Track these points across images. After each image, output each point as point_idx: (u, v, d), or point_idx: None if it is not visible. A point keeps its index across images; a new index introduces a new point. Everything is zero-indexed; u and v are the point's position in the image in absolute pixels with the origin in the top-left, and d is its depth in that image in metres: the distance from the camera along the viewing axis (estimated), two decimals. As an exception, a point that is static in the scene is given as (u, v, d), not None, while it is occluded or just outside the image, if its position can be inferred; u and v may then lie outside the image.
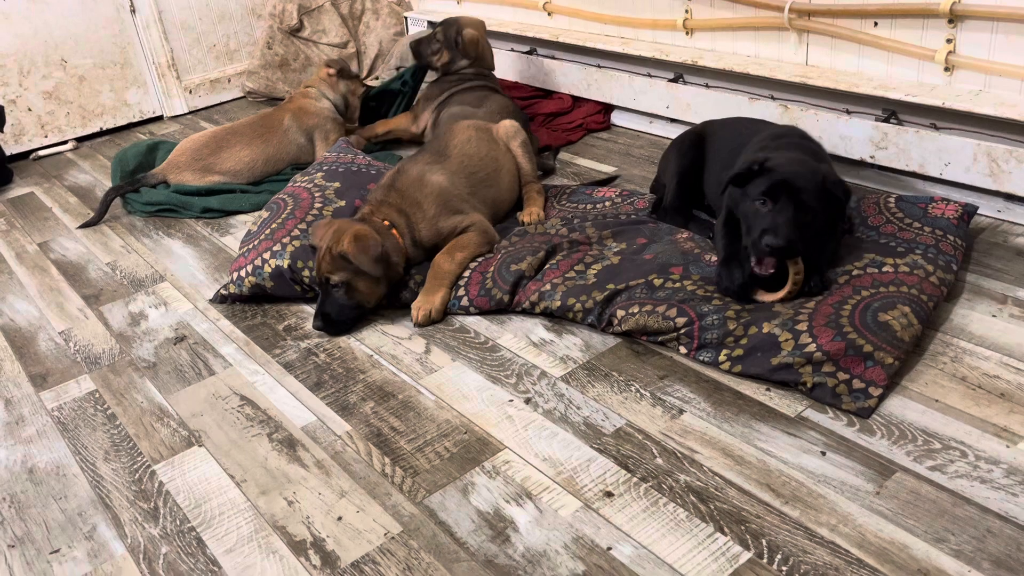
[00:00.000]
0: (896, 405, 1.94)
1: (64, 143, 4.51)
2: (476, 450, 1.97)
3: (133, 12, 4.53)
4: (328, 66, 3.79)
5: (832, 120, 2.91)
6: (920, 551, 1.58)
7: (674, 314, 2.20)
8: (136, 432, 2.19)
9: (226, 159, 3.54)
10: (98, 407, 2.32)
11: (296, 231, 2.70)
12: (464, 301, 2.50)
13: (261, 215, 2.89)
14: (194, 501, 1.93)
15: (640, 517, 1.73)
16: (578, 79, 3.87)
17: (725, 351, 2.12)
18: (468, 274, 2.56)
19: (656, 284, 2.32)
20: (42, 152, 4.43)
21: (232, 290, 2.71)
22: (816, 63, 3.03)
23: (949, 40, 2.63)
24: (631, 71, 3.65)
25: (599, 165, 3.44)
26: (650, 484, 1.81)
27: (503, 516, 1.78)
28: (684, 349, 2.19)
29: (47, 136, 4.48)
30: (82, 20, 4.43)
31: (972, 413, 1.89)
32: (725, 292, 2.24)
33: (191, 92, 4.81)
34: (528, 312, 2.46)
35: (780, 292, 2.19)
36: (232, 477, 1.99)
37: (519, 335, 2.39)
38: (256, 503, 1.90)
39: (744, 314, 2.16)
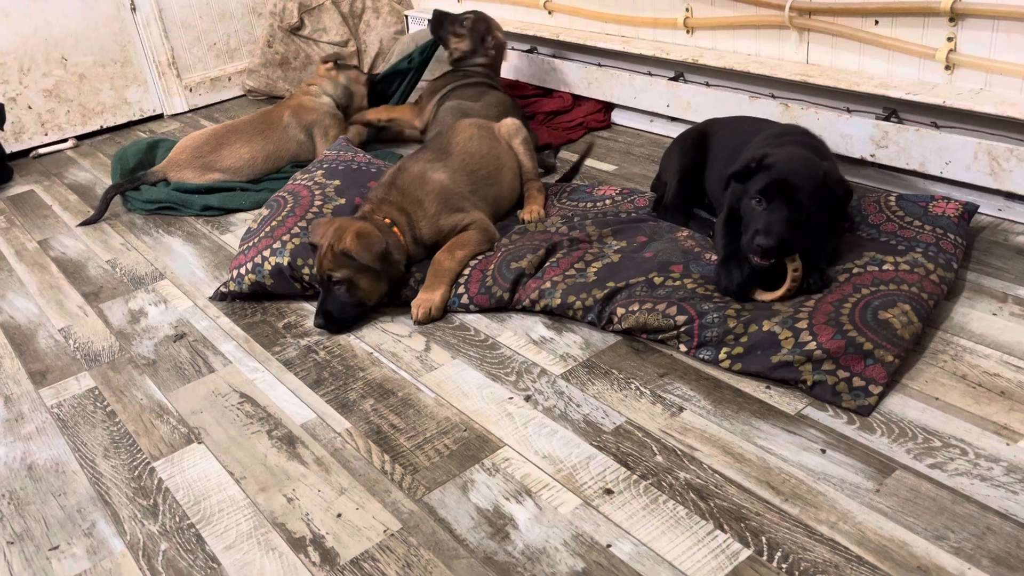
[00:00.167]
0: (896, 403, 1.94)
1: (64, 141, 4.51)
2: (476, 447, 1.97)
3: (133, 10, 4.53)
4: (324, 62, 3.80)
5: (833, 118, 2.91)
6: (920, 548, 1.58)
7: (674, 312, 2.20)
8: (136, 429, 2.19)
9: (226, 157, 3.54)
10: (98, 404, 2.32)
11: (296, 229, 2.70)
12: (464, 299, 2.50)
13: (261, 213, 2.89)
14: (193, 498, 1.93)
15: (640, 514, 1.73)
16: (578, 78, 3.87)
17: (725, 349, 2.12)
18: (468, 272, 2.56)
19: (656, 282, 2.32)
20: (42, 150, 4.43)
21: (232, 288, 2.71)
22: (817, 61, 3.03)
23: (950, 38, 2.62)
24: (632, 69, 3.65)
25: (599, 164, 3.44)
26: (650, 481, 1.81)
27: (503, 513, 1.78)
28: (684, 347, 2.19)
29: (47, 134, 4.48)
30: (82, 18, 4.42)
31: (972, 411, 1.89)
32: (724, 291, 2.23)
33: (191, 90, 4.81)
34: (528, 310, 2.46)
35: (778, 291, 2.19)
36: (231, 474, 1.99)
37: (519, 333, 2.39)
38: (255, 500, 1.90)
39: (744, 312, 2.16)
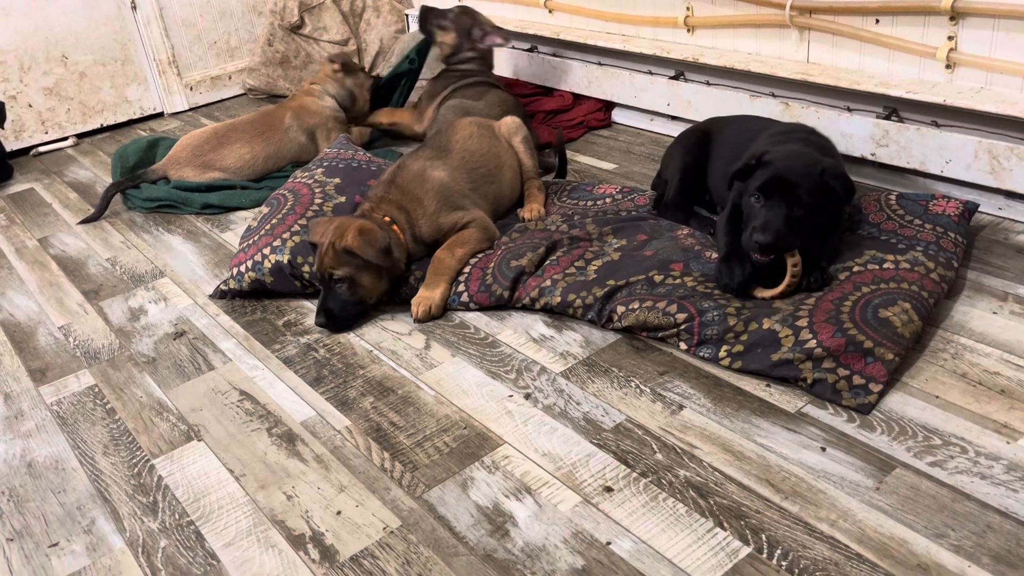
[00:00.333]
0: (896, 401, 1.94)
1: (64, 139, 4.51)
2: (475, 445, 1.97)
3: (134, 9, 4.53)
4: (332, 61, 3.78)
5: (833, 117, 2.91)
6: (920, 546, 1.57)
7: (674, 310, 2.20)
8: (135, 426, 2.19)
9: (226, 156, 3.54)
10: (97, 402, 2.32)
11: (296, 227, 2.70)
12: (464, 297, 2.50)
13: (261, 211, 2.89)
14: (193, 495, 1.93)
15: (640, 512, 1.73)
16: (579, 76, 3.87)
17: (725, 347, 2.11)
18: (468, 270, 2.56)
19: (656, 280, 2.32)
20: (42, 148, 4.43)
21: (232, 285, 2.71)
22: (817, 60, 3.03)
23: (950, 37, 2.62)
24: (632, 68, 3.65)
25: (600, 162, 3.44)
26: (650, 479, 1.81)
27: (502, 511, 1.78)
28: (684, 345, 2.19)
29: (47, 132, 4.48)
30: (83, 16, 4.42)
31: (972, 409, 1.89)
32: (725, 288, 2.23)
33: (192, 89, 4.81)
34: (528, 308, 2.46)
35: (778, 287, 2.19)
36: (231, 471, 1.99)
37: (519, 331, 2.38)
38: (255, 497, 1.90)
39: (744, 310, 2.16)
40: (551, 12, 4.00)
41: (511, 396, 2.12)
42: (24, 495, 2.00)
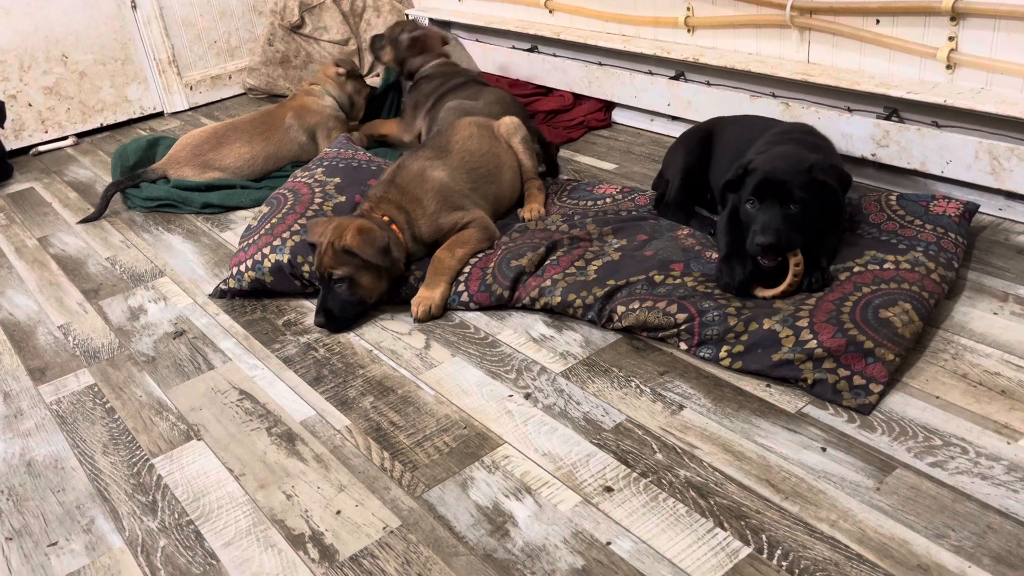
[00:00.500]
0: (897, 402, 1.94)
1: (64, 139, 4.51)
2: (475, 445, 1.97)
3: (134, 8, 4.53)
4: (338, 65, 3.78)
5: (833, 118, 2.91)
6: (920, 547, 1.57)
7: (674, 310, 2.20)
8: (135, 426, 2.19)
9: (226, 155, 3.54)
10: (97, 401, 2.31)
11: (296, 226, 2.70)
12: (464, 297, 2.50)
13: (261, 210, 2.89)
14: (193, 494, 1.93)
15: (640, 512, 1.72)
16: (579, 77, 3.86)
17: (725, 347, 2.11)
18: (468, 270, 2.56)
19: (657, 280, 2.32)
20: (42, 148, 4.43)
21: (232, 285, 2.70)
22: (818, 61, 3.03)
23: (951, 38, 2.62)
24: (632, 69, 3.64)
25: (600, 163, 3.44)
26: (650, 479, 1.80)
27: (502, 510, 1.77)
28: (684, 345, 2.18)
29: (47, 132, 4.47)
30: (83, 16, 4.42)
31: (973, 410, 1.89)
32: (725, 288, 2.23)
33: (192, 88, 4.81)
34: (528, 308, 2.45)
35: (779, 287, 2.19)
36: (231, 471, 1.99)
37: (519, 331, 2.38)
38: (255, 497, 1.90)
39: (745, 310, 2.16)
40: (551, 12, 4.00)
41: (511, 396, 2.12)
42: (23, 494, 2.00)
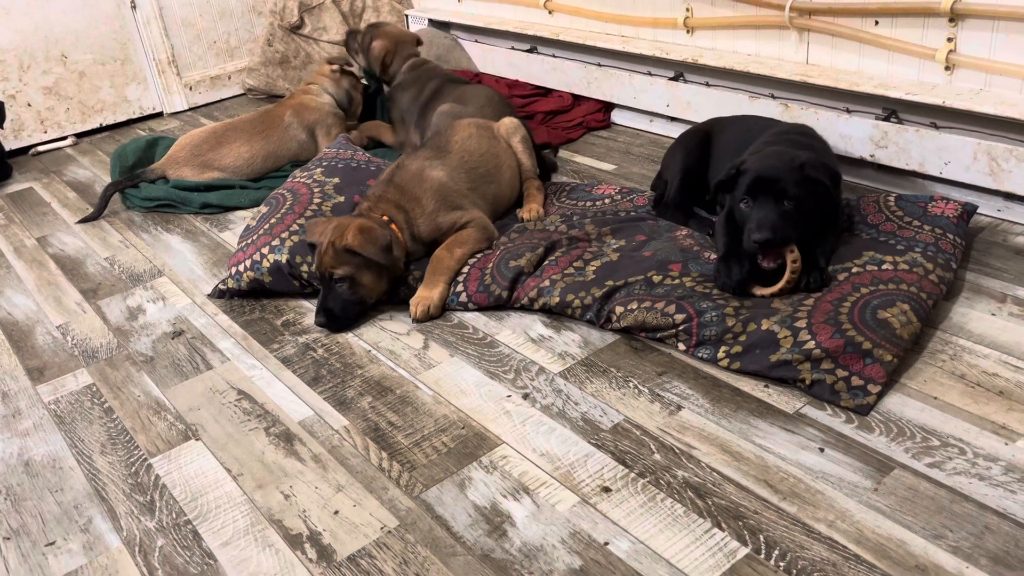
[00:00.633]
0: (895, 402, 1.94)
1: (64, 139, 4.51)
2: (473, 445, 1.97)
3: (134, 8, 4.53)
4: (331, 63, 3.79)
5: (832, 119, 2.91)
6: (918, 547, 1.57)
7: (673, 311, 2.20)
8: (133, 426, 2.19)
9: (225, 155, 3.54)
10: (95, 401, 2.31)
11: (295, 226, 2.70)
12: (463, 297, 2.50)
13: (260, 210, 2.89)
14: (190, 494, 1.93)
15: (637, 512, 1.72)
16: (578, 77, 3.87)
17: (724, 348, 2.11)
18: (467, 270, 2.56)
19: (655, 281, 2.32)
20: (41, 148, 4.43)
21: (230, 285, 2.70)
22: (817, 62, 3.03)
23: (950, 39, 2.62)
24: (631, 69, 3.65)
25: (599, 163, 3.44)
26: (648, 480, 1.80)
27: (500, 511, 1.77)
28: (683, 346, 2.19)
29: (47, 132, 4.47)
30: (82, 16, 4.42)
31: (970, 411, 1.89)
32: (723, 288, 2.24)
33: (191, 89, 4.81)
34: (527, 308, 2.45)
35: (777, 285, 2.19)
36: (229, 471, 1.99)
37: (518, 331, 2.38)
38: (253, 497, 1.90)
39: (743, 311, 2.16)
40: (551, 13, 4.00)
41: (509, 396, 2.12)
42: (21, 494, 2.00)
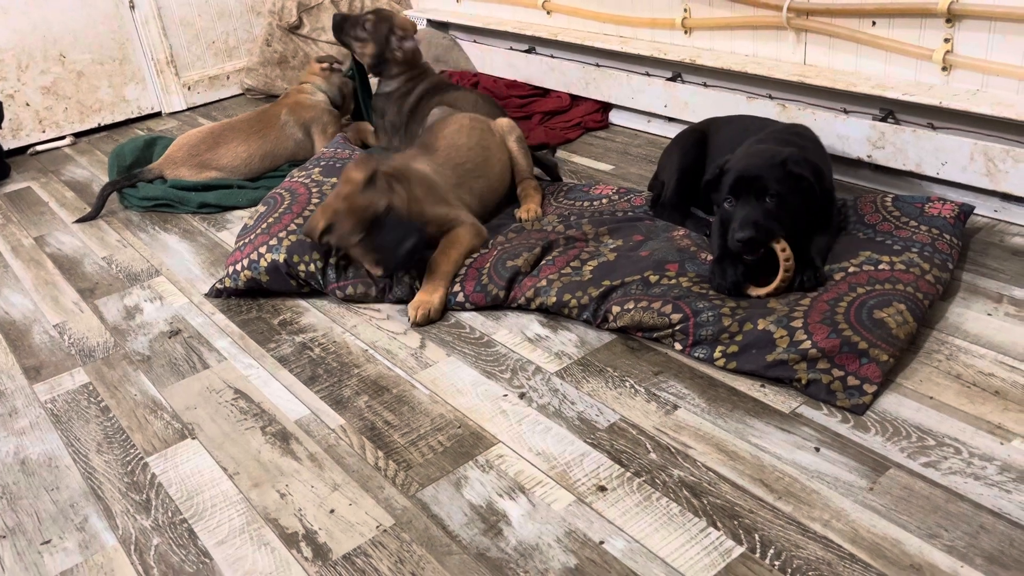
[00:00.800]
0: (891, 402, 1.94)
1: (62, 138, 4.51)
2: (470, 444, 1.97)
3: (132, 8, 4.53)
4: (319, 61, 3.81)
5: (830, 119, 2.91)
6: (913, 547, 1.57)
7: (669, 310, 2.20)
8: (129, 424, 2.19)
9: (223, 155, 3.54)
10: (91, 399, 2.31)
11: (293, 226, 2.70)
12: (460, 297, 2.50)
13: (258, 210, 2.89)
14: (186, 493, 1.93)
15: (633, 511, 1.72)
16: (576, 78, 3.87)
17: (720, 347, 2.11)
18: (464, 270, 2.56)
19: (652, 280, 2.32)
20: (40, 147, 4.43)
21: (227, 284, 2.71)
22: (814, 62, 3.03)
23: (947, 40, 2.62)
24: (629, 70, 3.65)
25: (596, 163, 3.44)
26: (643, 479, 1.81)
27: (496, 510, 1.77)
28: (679, 345, 2.19)
29: (45, 131, 4.48)
30: (81, 15, 4.43)
31: (966, 411, 1.89)
32: (718, 289, 2.24)
33: (190, 88, 4.81)
34: (523, 308, 2.46)
35: (772, 285, 2.19)
36: (225, 470, 1.99)
37: (514, 331, 2.38)
38: (248, 495, 1.90)
39: (739, 311, 2.16)
40: (549, 13, 4.00)
41: (506, 395, 2.12)
42: (17, 492, 2.00)
